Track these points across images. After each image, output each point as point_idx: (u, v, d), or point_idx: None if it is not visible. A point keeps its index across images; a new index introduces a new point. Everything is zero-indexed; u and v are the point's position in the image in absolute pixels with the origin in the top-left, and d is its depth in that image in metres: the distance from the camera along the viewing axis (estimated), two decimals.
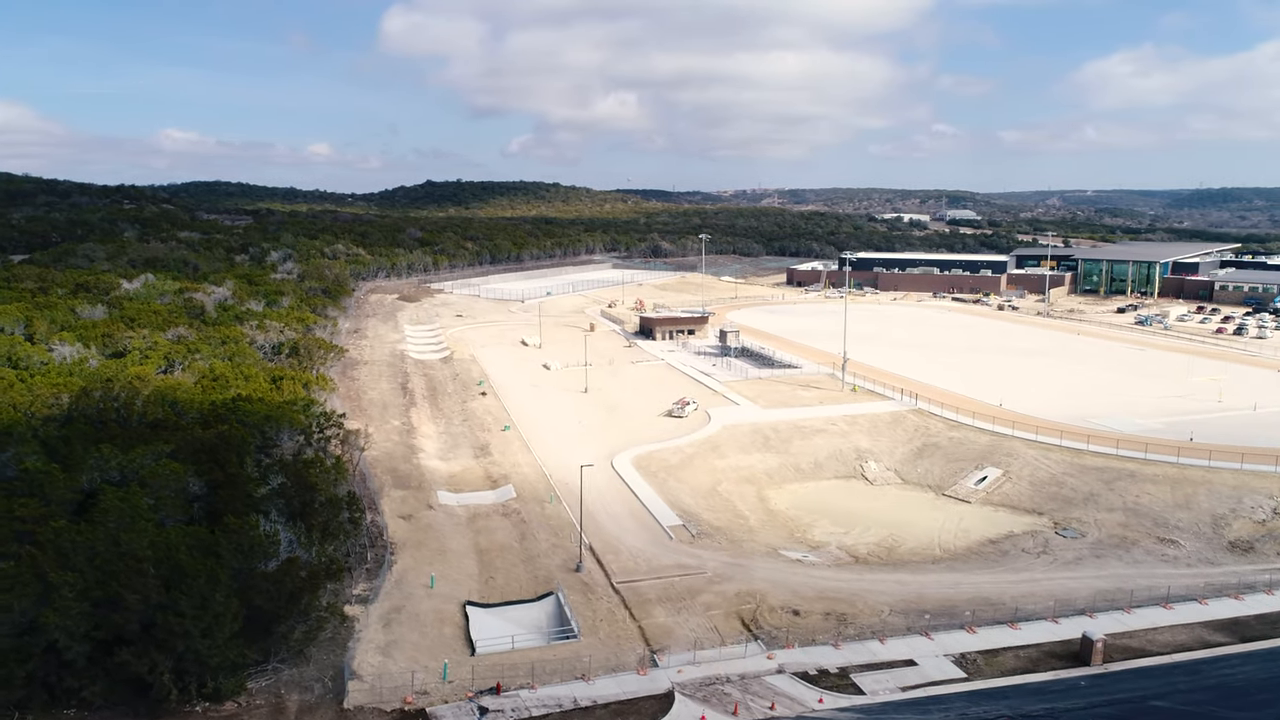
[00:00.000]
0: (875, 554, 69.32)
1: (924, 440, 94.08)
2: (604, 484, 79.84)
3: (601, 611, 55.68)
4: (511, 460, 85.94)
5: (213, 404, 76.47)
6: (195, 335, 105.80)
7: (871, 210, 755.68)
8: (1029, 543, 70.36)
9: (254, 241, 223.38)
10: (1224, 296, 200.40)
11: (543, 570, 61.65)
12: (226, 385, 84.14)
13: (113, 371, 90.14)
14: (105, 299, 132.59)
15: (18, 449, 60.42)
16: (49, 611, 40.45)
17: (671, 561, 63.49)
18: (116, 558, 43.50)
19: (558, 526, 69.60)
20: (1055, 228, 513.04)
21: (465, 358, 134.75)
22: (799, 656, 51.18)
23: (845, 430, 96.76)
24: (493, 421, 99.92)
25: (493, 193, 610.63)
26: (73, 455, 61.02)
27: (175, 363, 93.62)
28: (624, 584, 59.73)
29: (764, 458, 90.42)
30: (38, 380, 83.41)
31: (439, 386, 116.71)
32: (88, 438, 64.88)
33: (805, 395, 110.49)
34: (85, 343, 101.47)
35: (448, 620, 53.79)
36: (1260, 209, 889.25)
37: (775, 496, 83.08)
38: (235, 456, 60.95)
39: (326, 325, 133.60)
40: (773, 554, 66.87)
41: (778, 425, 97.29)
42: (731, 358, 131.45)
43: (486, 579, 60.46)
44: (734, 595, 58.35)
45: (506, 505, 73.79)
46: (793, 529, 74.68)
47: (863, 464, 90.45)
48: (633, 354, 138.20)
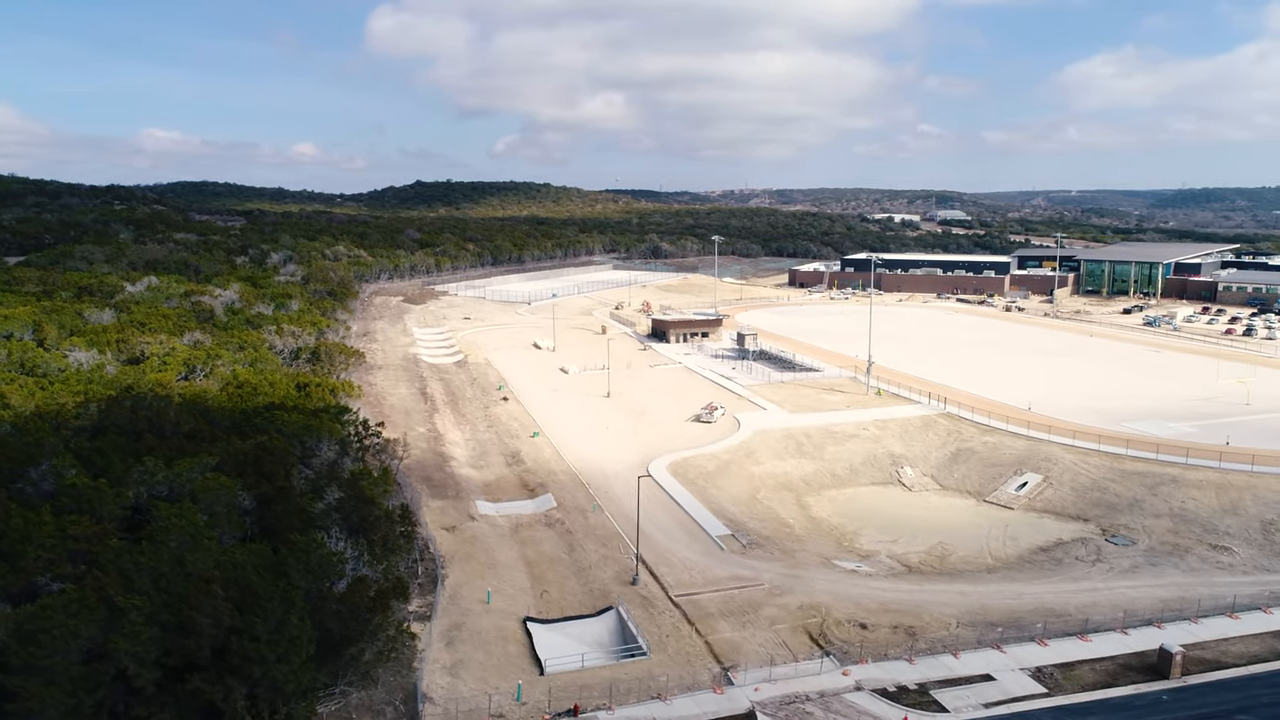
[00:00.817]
0: (927, 563, 68.22)
1: (958, 445, 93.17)
2: (644, 492, 78.30)
3: (665, 626, 54.25)
4: (546, 468, 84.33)
5: (243, 412, 74.55)
6: (213, 340, 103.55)
7: (859, 210, 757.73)
8: (1081, 550, 69.48)
9: (252, 243, 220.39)
10: (1227, 297, 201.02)
11: (596, 583, 60.15)
12: (254, 393, 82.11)
13: (132, 378, 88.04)
14: (111, 302, 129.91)
15: (53, 462, 58.31)
16: (118, 637, 38.59)
17: (727, 573, 62.13)
18: (182, 579, 41.67)
19: (604, 537, 68.11)
20: (1046, 228, 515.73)
21: (480, 361, 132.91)
22: (874, 672, 49.95)
23: (877, 435, 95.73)
24: (519, 428, 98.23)
25: (483, 193, 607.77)
26: (110, 468, 59.00)
27: (196, 369, 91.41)
28: (682, 597, 58.34)
29: (799, 464, 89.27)
30: (57, 388, 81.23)
31: (458, 391, 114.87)
32: (122, 449, 62.90)
33: (831, 399, 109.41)
34: (99, 348, 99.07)
35: (510, 637, 52.21)
36: (1243, 209, 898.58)
37: (815, 503, 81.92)
38: (282, 469, 59.13)
39: (338, 329, 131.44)
40: (826, 564, 65.65)
41: (809, 430, 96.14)
42: (750, 361, 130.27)
43: (540, 593, 58.90)
44: (797, 608, 57.07)
45: (549, 515, 72.21)
46: (839, 537, 73.50)
47: (898, 470, 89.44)
48: (649, 357, 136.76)
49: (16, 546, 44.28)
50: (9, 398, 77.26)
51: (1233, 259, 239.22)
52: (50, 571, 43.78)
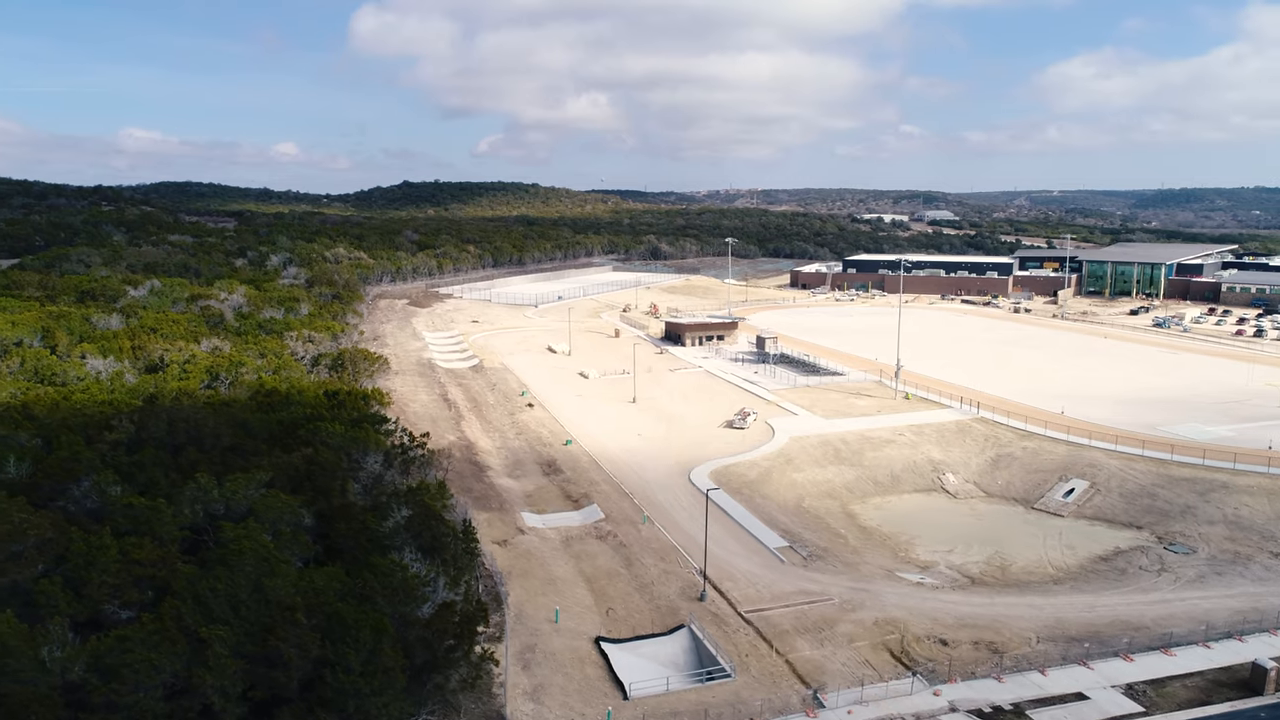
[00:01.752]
0: (989, 574, 66.87)
1: (997, 451, 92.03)
2: (689, 501, 76.69)
3: (743, 645, 52.50)
4: (586, 477, 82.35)
5: (280, 423, 72.12)
6: (233, 347, 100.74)
7: (844, 211, 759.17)
8: (1143, 559, 68.37)
9: (250, 245, 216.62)
10: (1231, 298, 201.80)
11: (662, 600, 58.31)
12: (285, 402, 79.64)
13: (153, 387, 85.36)
14: (117, 307, 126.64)
15: (95, 478, 55.80)
16: (202, 670, 36.38)
17: (793, 587, 60.46)
18: (263, 607, 39.49)
19: (660, 550, 66.27)
20: (1035, 228, 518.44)
21: (497, 366, 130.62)
22: (965, 692, 48.42)
23: (914, 441, 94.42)
24: (550, 435, 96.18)
25: (471, 193, 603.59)
26: (155, 484, 56.60)
27: (219, 377, 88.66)
28: (753, 613, 56.61)
29: (839, 471, 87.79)
30: (79, 398, 78.40)
31: (479, 398, 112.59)
32: (163, 464, 60.49)
33: (860, 404, 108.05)
34: (115, 355, 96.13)
35: (585, 659, 50.27)
36: (1223, 209, 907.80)
37: (861, 511, 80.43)
38: (337, 484, 56.89)
39: (351, 334, 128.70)
40: (890, 577, 64.12)
41: (845, 436, 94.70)
42: (770, 365, 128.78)
43: (605, 610, 56.97)
44: (873, 624, 55.47)
45: (598, 527, 70.24)
46: (893, 548, 72.02)
47: (940, 476, 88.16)
48: (667, 361, 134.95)
49: (81, 573, 41.92)
50: (32, 408, 74.52)
51: (1233, 260, 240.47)
52: (118, 599, 41.43)
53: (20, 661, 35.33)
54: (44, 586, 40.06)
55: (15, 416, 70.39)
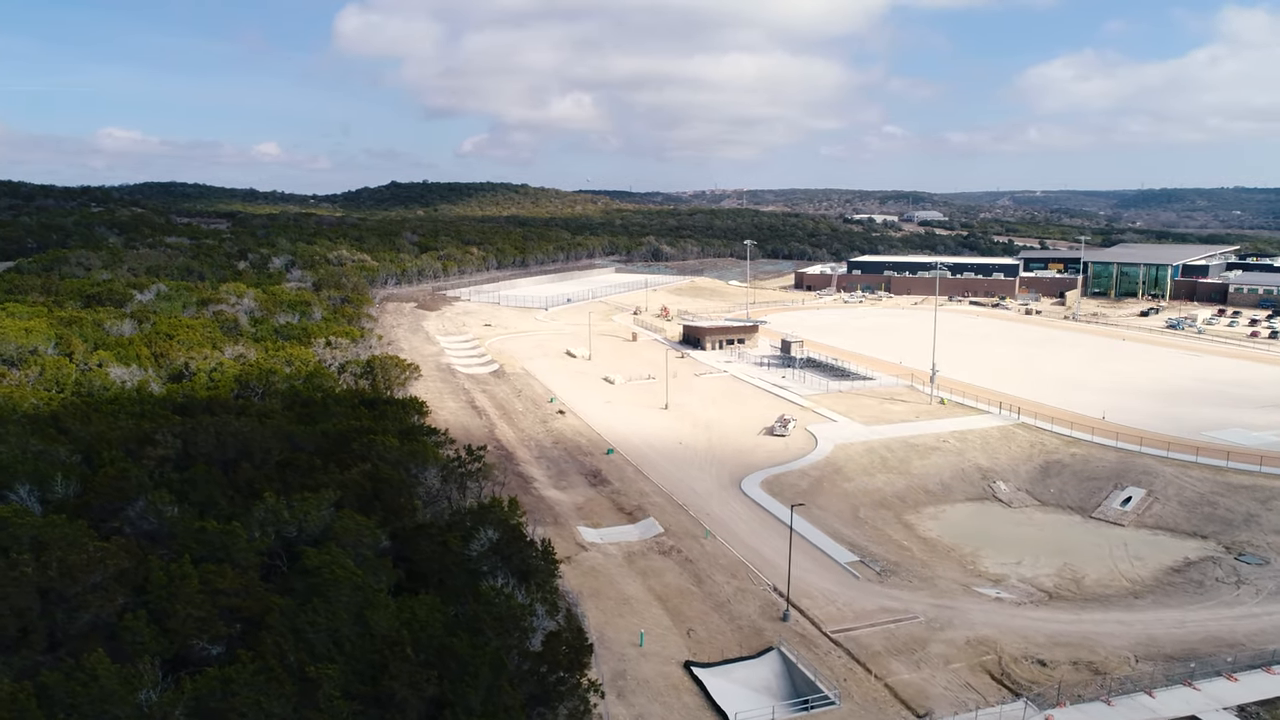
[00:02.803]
0: (1064, 587, 65.22)
1: (1045, 458, 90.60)
2: (746, 513, 74.70)
3: (837, 669, 50.46)
4: (635, 488, 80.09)
5: (326, 435, 69.42)
6: (258, 354, 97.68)
7: (832, 211, 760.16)
8: (1216, 571, 66.95)
9: (249, 247, 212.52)
10: (1238, 299, 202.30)
11: (743, 620, 56.18)
12: (324, 412, 76.92)
13: (181, 397, 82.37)
14: (127, 312, 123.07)
15: (150, 498, 52.97)
16: (313, 714, 33.85)
17: (874, 605, 58.52)
18: (367, 641, 37.00)
19: (728, 566, 64.13)
20: (1026, 228, 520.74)
21: (517, 371, 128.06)
22: (1076, 716, 46.61)
23: (959, 448, 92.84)
24: (587, 443, 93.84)
25: (460, 194, 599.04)
26: (212, 504, 53.90)
27: (251, 386, 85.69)
28: (839, 633, 54.60)
29: (889, 479, 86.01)
30: (108, 409, 75.31)
31: (506, 404, 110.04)
32: (217, 482, 57.75)
33: (896, 409, 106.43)
34: (138, 363, 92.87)
35: (680, 686, 48.06)
36: (1204, 209, 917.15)
37: (917, 522, 78.66)
38: (407, 502, 54.37)
39: (370, 339, 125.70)
40: (968, 591, 62.32)
41: (889, 443, 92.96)
42: (797, 369, 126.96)
43: (686, 631, 54.77)
44: (964, 644, 53.61)
45: (659, 542, 68.00)
46: (959, 560, 70.28)
47: (990, 484, 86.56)
48: (690, 365, 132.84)
49: (164, 604, 39.24)
50: (63, 421, 71.42)
51: (1237, 261, 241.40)
52: (206, 633, 38.78)
53: (120, 708, 32.70)
54: (129, 622, 37.36)
55: (48, 430, 67.31)
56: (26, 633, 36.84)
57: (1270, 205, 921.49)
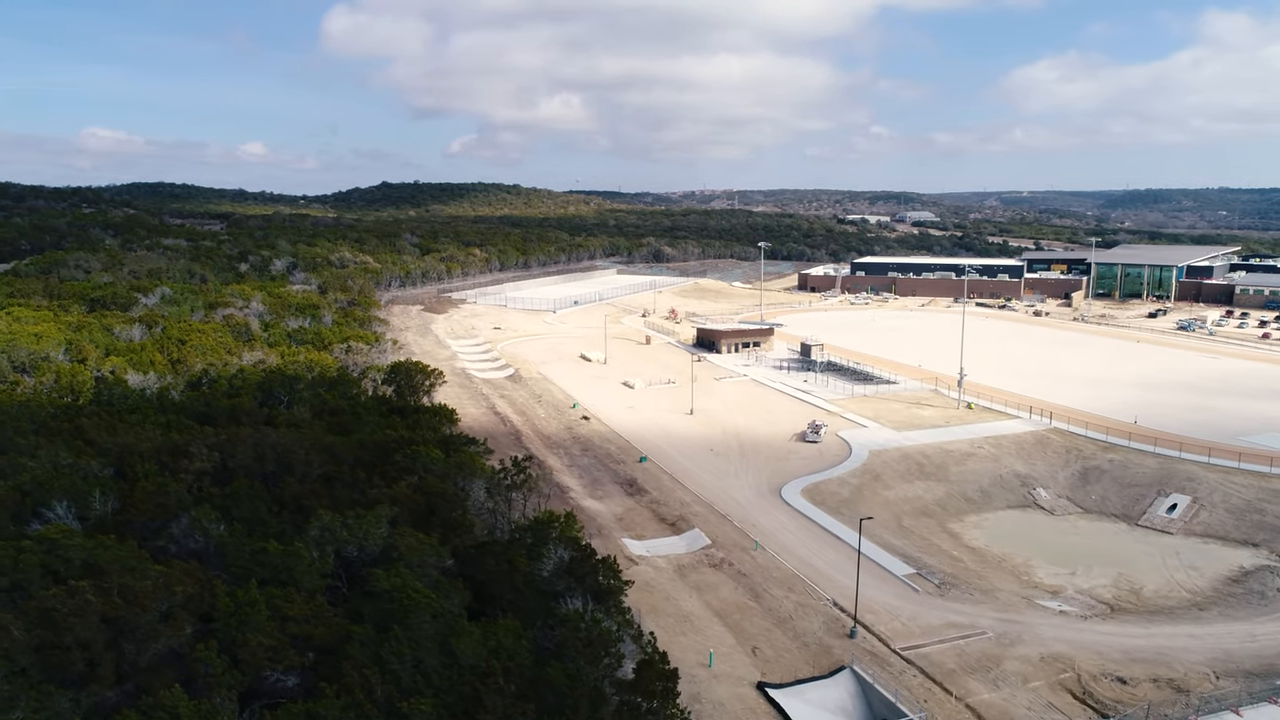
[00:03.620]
0: (1123, 599, 63.85)
1: (1083, 464, 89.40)
2: (791, 523, 73.01)
3: (915, 689, 48.81)
4: (674, 498, 78.25)
5: (364, 446, 67.23)
6: (278, 360, 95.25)
7: (822, 211, 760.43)
8: (1277, 581, 65.76)
9: (249, 249, 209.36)
10: (1244, 300, 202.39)
11: (809, 637, 54.46)
12: (356, 422, 74.65)
13: (203, 405, 79.99)
14: (135, 317, 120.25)
15: (193, 515, 50.75)
16: None
17: (939, 620, 56.94)
18: (454, 672, 35.03)
19: (783, 579, 62.39)
20: (1019, 228, 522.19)
21: (534, 376, 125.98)
22: None
23: (994, 454, 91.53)
24: (618, 451, 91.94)
25: (452, 194, 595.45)
26: (260, 521, 51.75)
27: (274, 394, 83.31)
28: (909, 650, 52.97)
29: (928, 486, 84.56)
30: (129, 418, 72.83)
31: (528, 410, 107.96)
32: (259, 497, 55.56)
33: (924, 414, 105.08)
34: (155, 370, 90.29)
35: (757, 709, 46.28)
36: (1190, 209, 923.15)
37: (962, 530, 77.19)
38: (464, 518, 52.34)
39: (384, 344, 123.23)
40: (1030, 604, 60.86)
41: (924, 449, 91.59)
42: (817, 372, 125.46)
43: (751, 650, 52.99)
44: (1039, 661, 52.10)
45: (709, 554, 66.20)
46: (1013, 571, 68.83)
47: (1031, 491, 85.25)
48: (708, 369, 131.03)
49: (233, 633, 37.12)
50: (87, 432, 68.96)
51: (1240, 262, 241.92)
52: (279, 663, 36.68)
53: None
54: (201, 653, 35.25)
55: (75, 442, 64.83)
56: (94, 666, 34.69)
57: (1255, 206, 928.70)
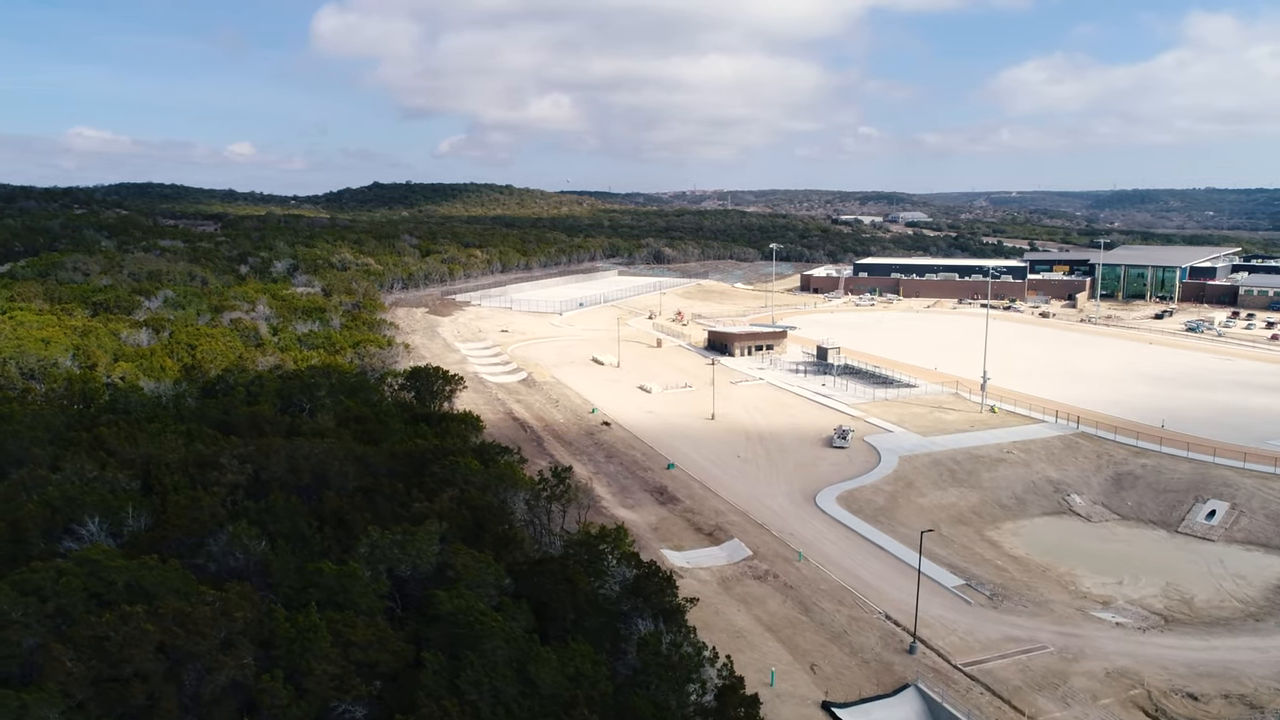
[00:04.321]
0: (1175, 610, 62.62)
1: (1114, 469, 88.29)
2: (831, 532, 71.50)
3: (985, 708, 47.32)
4: (708, 506, 76.62)
5: (393, 455, 65.31)
6: (294, 364, 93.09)
7: (813, 211, 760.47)
8: None
9: (247, 250, 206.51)
10: (1248, 301, 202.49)
11: (866, 652, 52.90)
12: (385, 430, 72.66)
13: (219, 413, 77.82)
14: (141, 321, 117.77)
15: (232, 530, 48.73)
16: None
17: (997, 634, 55.51)
18: (534, 702, 33.26)
19: (831, 591, 60.86)
20: (1012, 229, 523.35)
21: (548, 380, 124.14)
22: None
23: (1025, 459, 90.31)
24: (643, 458, 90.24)
25: (444, 194, 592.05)
26: (301, 538, 49.81)
27: (296, 401, 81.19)
28: (971, 666, 51.50)
29: (961, 493, 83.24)
30: (148, 427, 70.59)
31: (546, 415, 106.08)
32: (298, 511, 53.60)
33: (948, 419, 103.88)
34: (167, 376, 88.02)
35: None
36: (1178, 209, 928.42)
37: (999, 538, 75.87)
38: (512, 533, 50.54)
39: (396, 349, 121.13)
40: (1085, 616, 59.51)
41: (953, 455, 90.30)
42: (834, 376, 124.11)
43: (809, 666, 51.41)
44: (1105, 677, 50.72)
45: (752, 566, 64.58)
46: (1059, 580, 67.49)
47: (1065, 498, 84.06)
48: (722, 372, 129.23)
49: (296, 660, 35.22)
50: (106, 441, 66.75)
51: (1242, 263, 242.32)
52: (347, 693, 34.80)
53: None
54: (267, 684, 33.36)
55: (97, 453, 62.62)
56: (155, 700, 32.74)
57: (1242, 206, 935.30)
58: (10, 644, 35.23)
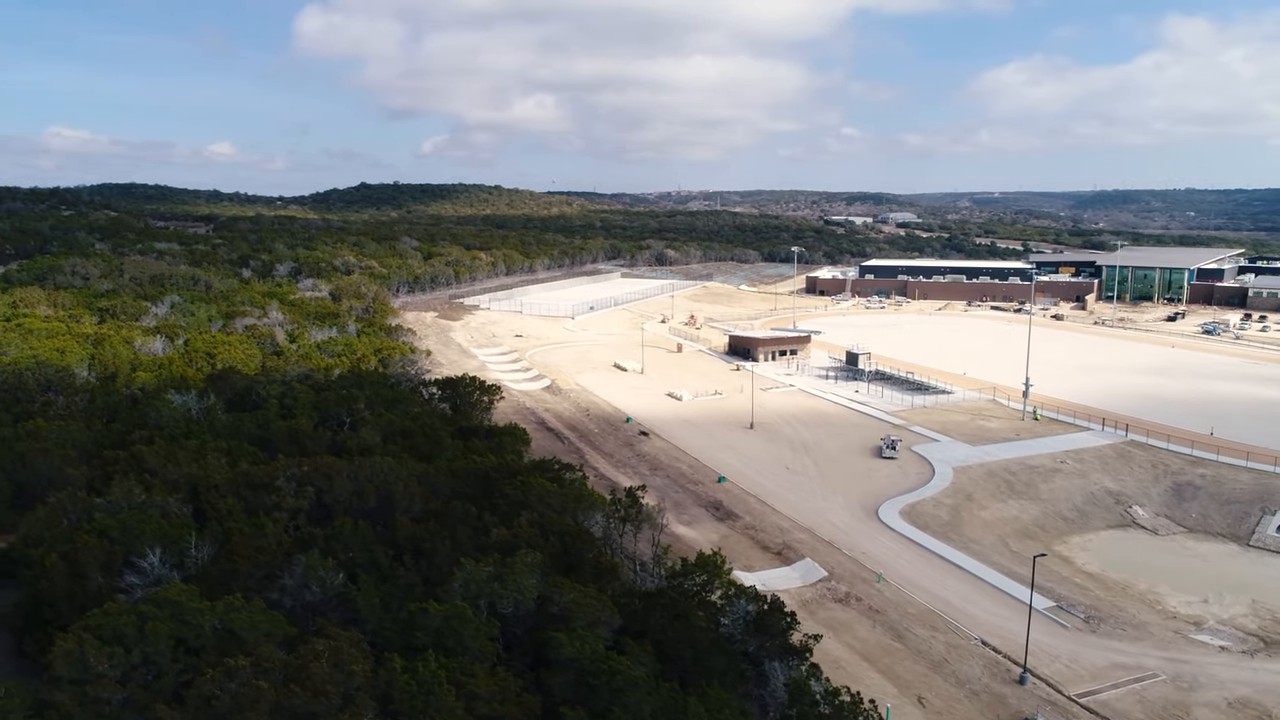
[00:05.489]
0: (1270, 630, 60.29)
1: (1172, 479, 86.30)
2: (901, 549, 68.85)
3: None
4: (768, 522, 73.75)
5: (454, 475, 62.07)
6: (322, 375, 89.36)
7: (799, 212, 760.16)
8: None
9: (246, 253, 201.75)
10: (1258, 303, 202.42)
11: (974, 683, 50.20)
12: (436, 446, 69.36)
13: (253, 428, 74.32)
14: (153, 328, 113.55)
15: (307, 562, 45.35)
16: None
17: (1103, 661, 53.02)
18: None
19: (919, 616, 58.15)
20: (1004, 229, 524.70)
21: (573, 387, 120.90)
22: None
23: (1079, 469, 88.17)
24: (689, 470, 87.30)
25: (432, 195, 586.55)
26: (379, 569, 46.57)
27: (335, 415, 77.56)
28: (1086, 698, 48.96)
29: (1022, 506, 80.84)
30: (186, 444, 66.96)
31: (579, 425, 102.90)
32: (368, 538, 50.34)
33: (991, 427, 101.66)
34: (193, 385, 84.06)
35: None
36: (1159, 210, 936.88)
37: (1070, 554, 73.44)
38: (607, 562, 47.44)
39: (418, 356, 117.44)
40: (1187, 640, 57.12)
41: (1007, 465, 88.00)
42: (866, 382, 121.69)
43: (916, 699, 48.62)
44: (1228, 708, 48.34)
45: (831, 589, 61.78)
46: (1141, 598, 65.07)
47: (1127, 510, 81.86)
48: (749, 379, 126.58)
49: (419, 717, 31.96)
50: (148, 462, 63.16)
51: (1248, 264, 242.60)
52: None
53: None
54: None
55: (141, 475, 58.95)
56: None
57: (1222, 206, 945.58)
58: (100, 701, 31.80)
